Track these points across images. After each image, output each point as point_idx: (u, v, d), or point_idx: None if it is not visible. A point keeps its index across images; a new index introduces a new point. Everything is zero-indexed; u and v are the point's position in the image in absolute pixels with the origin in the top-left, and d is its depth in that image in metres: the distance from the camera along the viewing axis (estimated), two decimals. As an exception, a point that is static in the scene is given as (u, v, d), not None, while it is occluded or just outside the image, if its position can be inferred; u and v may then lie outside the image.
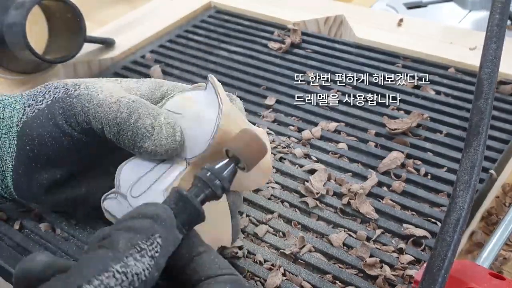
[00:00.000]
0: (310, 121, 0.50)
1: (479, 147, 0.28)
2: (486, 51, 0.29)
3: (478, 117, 0.28)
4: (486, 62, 0.29)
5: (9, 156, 0.34)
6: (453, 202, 0.27)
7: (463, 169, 0.27)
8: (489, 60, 0.29)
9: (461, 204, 0.27)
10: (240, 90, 0.54)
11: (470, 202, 0.27)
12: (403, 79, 0.54)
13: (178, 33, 0.65)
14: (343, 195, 0.41)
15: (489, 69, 0.28)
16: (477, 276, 0.30)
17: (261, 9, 0.67)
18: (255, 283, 0.35)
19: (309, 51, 0.59)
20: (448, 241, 0.26)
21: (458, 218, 0.26)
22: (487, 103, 0.28)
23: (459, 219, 0.26)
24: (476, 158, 0.27)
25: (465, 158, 0.28)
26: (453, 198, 0.27)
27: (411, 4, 0.78)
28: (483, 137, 0.28)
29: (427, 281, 0.26)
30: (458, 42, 0.58)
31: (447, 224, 0.27)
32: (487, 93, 0.28)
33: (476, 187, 0.27)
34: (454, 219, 0.26)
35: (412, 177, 0.43)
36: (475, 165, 0.27)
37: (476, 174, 0.27)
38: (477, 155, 0.27)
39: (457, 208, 0.27)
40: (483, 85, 0.28)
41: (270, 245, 0.38)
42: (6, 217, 0.41)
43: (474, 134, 0.28)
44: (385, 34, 0.60)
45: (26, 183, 0.35)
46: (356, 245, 0.37)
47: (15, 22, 0.51)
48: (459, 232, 0.26)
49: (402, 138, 0.47)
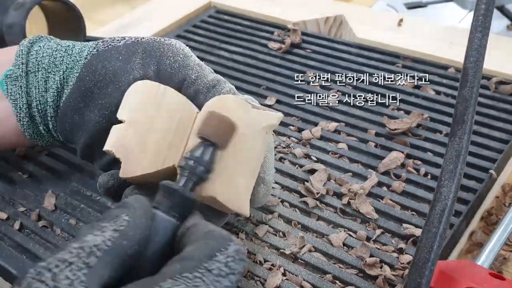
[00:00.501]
0: (310, 121, 0.50)
1: (464, 135, 0.27)
2: (471, 41, 0.29)
3: (463, 105, 0.28)
4: (472, 51, 0.28)
5: (67, 89, 0.36)
6: (438, 192, 0.26)
7: (448, 158, 0.27)
8: (474, 48, 0.28)
9: (446, 194, 0.26)
10: (240, 90, 0.54)
11: (456, 191, 0.26)
12: (403, 79, 0.54)
13: (178, 33, 0.65)
14: (343, 195, 0.41)
15: (474, 58, 0.28)
16: (477, 276, 0.31)
17: (261, 9, 0.67)
18: (255, 283, 0.35)
19: (309, 51, 0.59)
20: (433, 232, 0.26)
21: (443, 209, 0.26)
22: (472, 92, 0.28)
23: (444, 209, 0.26)
24: (461, 147, 0.27)
25: (450, 147, 0.27)
26: (438, 188, 0.27)
27: (411, 4, 0.78)
28: (468, 125, 0.27)
29: (414, 274, 0.26)
30: (458, 42, 0.58)
31: (433, 215, 0.26)
32: (472, 81, 0.28)
33: (462, 176, 0.27)
34: (439, 210, 0.26)
35: (412, 177, 0.43)
36: (460, 154, 0.27)
37: (462, 163, 0.27)
38: (462, 143, 0.27)
39: (442, 198, 0.26)
40: (468, 74, 0.28)
41: (270, 245, 0.38)
42: (6, 217, 0.41)
43: (459, 123, 0.27)
44: (385, 34, 0.60)
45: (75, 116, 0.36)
46: (356, 245, 0.37)
47: (15, 22, 0.51)
48: (445, 223, 0.26)
49: (402, 138, 0.47)
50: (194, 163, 0.30)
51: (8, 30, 0.52)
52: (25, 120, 0.37)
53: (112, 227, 0.23)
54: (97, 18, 0.73)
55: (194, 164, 0.30)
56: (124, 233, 0.23)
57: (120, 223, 0.23)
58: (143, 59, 0.35)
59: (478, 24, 0.29)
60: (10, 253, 0.38)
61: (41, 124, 0.37)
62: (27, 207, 0.42)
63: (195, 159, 0.30)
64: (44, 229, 0.40)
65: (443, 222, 0.26)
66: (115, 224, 0.23)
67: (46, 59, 0.36)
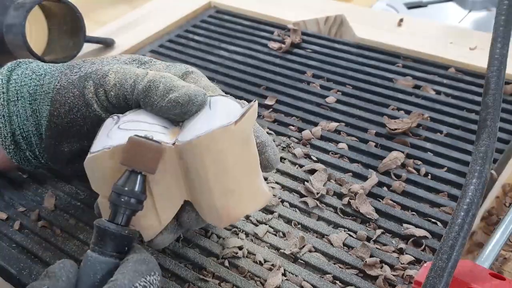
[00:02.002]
0: (310, 121, 0.50)
1: (488, 139, 0.28)
2: (492, 52, 0.30)
3: (486, 111, 0.29)
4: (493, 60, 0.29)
5: (43, 120, 0.37)
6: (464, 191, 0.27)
7: (473, 160, 0.28)
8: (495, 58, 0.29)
9: (472, 193, 0.27)
10: (240, 90, 0.54)
11: (482, 189, 0.27)
12: (403, 79, 0.54)
13: (178, 33, 0.65)
14: (343, 195, 0.41)
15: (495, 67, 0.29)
16: (478, 276, 0.30)
17: (261, 9, 0.67)
18: (255, 283, 0.35)
19: (309, 51, 0.59)
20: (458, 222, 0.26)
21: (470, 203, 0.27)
22: (494, 98, 0.29)
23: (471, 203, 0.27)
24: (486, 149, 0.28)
25: (476, 150, 0.28)
26: (465, 186, 0.27)
27: (411, 4, 0.78)
28: (491, 129, 0.29)
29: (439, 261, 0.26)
30: (458, 42, 0.58)
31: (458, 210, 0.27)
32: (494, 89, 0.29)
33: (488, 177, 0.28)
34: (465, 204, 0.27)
35: (412, 177, 0.43)
36: (487, 156, 0.28)
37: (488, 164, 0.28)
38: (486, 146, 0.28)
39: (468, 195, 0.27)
40: (490, 82, 0.29)
41: (270, 245, 0.38)
42: (6, 217, 0.41)
43: (482, 127, 0.29)
44: (385, 34, 0.60)
45: (53, 148, 0.37)
46: (356, 245, 0.37)
47: (15, 23, 0.51)
48: (471, 218, 0.26)
49: (402, 138, 0.47)
50: (126, 198, 0.28)
51: (8, 30, 0.52)
52: (11, 147, 0.38)
53: None
54: (97, 18, 0.73)
55: (126, 198, 0.28)
56: None
57: None
58: (95, 88, 0.35)
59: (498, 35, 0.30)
60: (10, 253, 0.38)
61: (27, 150, 0.38)
62: (27, 207, 0.42)
63: (126, 193, 0.28)
64: (44, 229, 0.40)
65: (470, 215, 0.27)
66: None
67: (24, 88, 0.38)
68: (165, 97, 0.32)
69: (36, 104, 0.37)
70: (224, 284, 0.35)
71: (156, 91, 0.32)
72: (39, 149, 0.38)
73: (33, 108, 0.37)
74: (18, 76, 0.38)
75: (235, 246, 0.37)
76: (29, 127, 0.37)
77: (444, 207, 0.40)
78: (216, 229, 0.39)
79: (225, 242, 0.38)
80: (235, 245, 0.37)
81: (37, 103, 0.37)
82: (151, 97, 0.32)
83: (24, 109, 0.37)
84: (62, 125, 0.36)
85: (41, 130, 0.38)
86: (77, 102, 0.35)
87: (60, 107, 0.36)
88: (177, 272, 0.36)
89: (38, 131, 0.38)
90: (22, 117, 0.37)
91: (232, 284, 0.35)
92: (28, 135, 0.38)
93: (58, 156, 0.37)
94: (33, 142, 0.38)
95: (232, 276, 0.36)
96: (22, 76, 0.38)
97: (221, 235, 0.39)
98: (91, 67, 0.37)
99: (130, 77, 0.34)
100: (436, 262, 0.26)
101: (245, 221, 0.40)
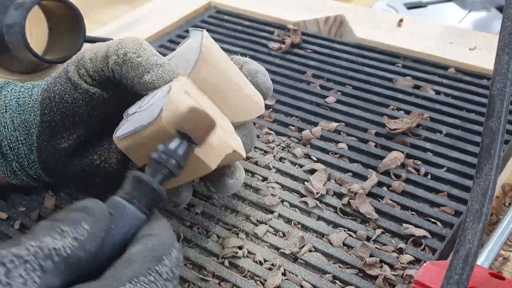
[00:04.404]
0: (310, 121, 0.50)
1: (491, 171, 0.24)
2: (497, 64, 0.26)
3: (490, 138, 0.25)
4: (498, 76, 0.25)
5: (34, 128, 0.37)
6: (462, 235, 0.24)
7: (473, 197, 0.24)
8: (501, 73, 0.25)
9: (470, 238, 0.24)
10: (240, 90, 0.54)
11: (481, 235, 0.24)
12: (403, 79, 0.54)
13: (178, 33, 0.65)
14: (343, 195, 0.41)
15: (501, 84, 0.25)
16: (477, 276, 0.31)
17: (261, 9, 0.67)
18: (255, 283, 0.35)
19: (309, 51, 0.59)
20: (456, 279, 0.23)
21: (467, 255, 0.24)
22: (499, 122, 0.25)
23: (468, 256, 0.24)
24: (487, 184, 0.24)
25: (476, 184, 0.24)
26: (462, 231, 0.24)
27: (411, 4, 0.78)
28: (495, 160, 0.24)
29: None
30: (458, 42, 0.58)
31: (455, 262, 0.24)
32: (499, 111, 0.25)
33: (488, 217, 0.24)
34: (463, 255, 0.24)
35: (412, 177, 0.43)
36: (487, 192, 0.24)
37: (488, 203, 0.24)
38: (488, 181, 0.24)
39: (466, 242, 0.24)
40: (495, 102, 0.25)
41: (270, 245, 0.38)
42: (7, 217, 0.41)
43: (486, 158, 0.25)
44: (385, 34, 0.60)
45: (48, 150, 0.37)
46: (356, 245, 0.37)
47: (15, 22, 0.51)
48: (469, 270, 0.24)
49: (402, 138, 0.47)
50: (167, 157, 0.28)
51: (8, 30, 0.52)
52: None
53: (72, 235, 0.22)
54: (97, 18, 0.74)
55: (168, 157, 0.28)
56: (83, 244, 0.22)
57: (80, 232, 0.23)
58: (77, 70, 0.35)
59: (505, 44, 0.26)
60: (10, 253, 0.38)
61: (13, 161, 0.38)
62: (27, 207, 0.42)
63: (169, 152, 0.28)
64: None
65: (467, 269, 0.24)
66: (76, 232, 0.22)
67: (13, 101, 0.38)
68: (140, 78, 0.33)
69: (25, 114, 0.37)
70: (224, 284, 0.35)
71: (130, 70, 0.33)
72: (28, 160, 0.38)
73: (22, 118, 0.37)
74: (8, 92, 0.39)
75: (235, 246, 0.37)
76: (17, 137, 0.38)
77: (444, 207, 0.40)
78: (216, 228, 0.39)
79: (225, 242, 0.38)
80: (235, 245, 0.37)
81: (26, 113, 0.37)
82: (125, 74, 0.33)
83: (11, 119, 0.37)
84: (55, 120, 0.36)
85: (31, 140, 0.38)
86: (66, 88, 0.35)
87: (51, 101, 0.36)
88: (177, 272, 0.36)
89: (27, 141, 0.38)
90: (10, 128, 0.37)
91: (232, 284, 0.35)
92: (16, 145, 0.38)
93: (55, 156, 0.37)
94: (21, 153, 0.38)
95: (232, 276, 0.36)
96: (12, 92, 0.39)
97: (221, 235, 0.39)
98: None
99: (102, 50, 0.34)
100: None
101: (245, 221, 0.40)
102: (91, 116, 0.36)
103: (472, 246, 0.24)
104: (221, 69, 0.35)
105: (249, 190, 0.42)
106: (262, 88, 0.37)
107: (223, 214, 0.40)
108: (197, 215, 0.40)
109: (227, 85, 0.35)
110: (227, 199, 0.41)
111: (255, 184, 0.42)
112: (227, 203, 0.41)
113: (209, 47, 0.34)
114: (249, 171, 0.44)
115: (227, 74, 0.35)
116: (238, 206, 0.41)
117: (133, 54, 0.33)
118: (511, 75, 0.25)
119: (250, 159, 0.45)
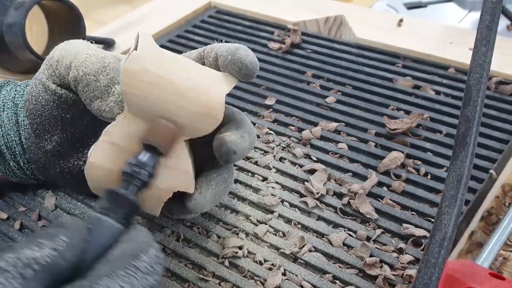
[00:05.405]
0: (310, 121, 0.50)
1: (466, 158, 0.25)
2: (475, 55, 0.27)
3: (466, 126, 0.26)
4: (475, 67, 0.27)
5: (23, 129, 0.38)
6: (438, 220, 0.25)
7: (449, 183, 0.25)
8: (478, 64, 0.27)
9: (446, 222, 0.24)
10: (240, 90, 0.54)
11: (456, 220, 0.25)
12: (403, 79, 0.54)
13: (178, 33, 0.65)
14: (343, 195, 0.41)
15: (478, 75, 0.26)
16: (477, 276, 0.31)
17: (261, 9, 0.67)
18: (255, 283, 0.35)
19: (309, 51, 0.60)
20: (432, 262, 0.24)
21: (443, 237, 0.24)
22: (475, 111, 0.26)
23: (445, 238, 0.24)
24: (463, 171, 0.25)
25: (452, 171, 0.25)
26: (438, 216, 0.25)
27: (411, 4, 0.78)
28: (470, 147, 0.26)
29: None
30: (458, 42, 0.58)
31: (432, 244, 0.24)
32: (475, 100, 0.26)
33: (463, 202, 0.25)
34: (439, 238, 0.24)
35: (412, 177, 0.43)
36: (462, 179, 0.25)
37: (463, 189, 0.25)
38: (464, 168, 0.25)
39: (442, 227, 0.24)
40: (472, 92, 0.26)
41: (270, 245, 0.38)
42: (7, 217, 0.41)
43: (461, 145, 0.26)
44: (385, 34, 0.60)
45: (36, 152, 0.37)
46: (356, 245, 0.37)
47: (15, 22, 0.51)
48: (445, 253, 0.24)
49: (402, 138, 0.47)
50: (138, 168, 0.30)
51: (8, 29, 0.52)
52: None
53: (50, 246, 0.23)
54: (97, 18, 0.74)
55: (139, 169, 0.30)
56: (62, 253, 0.23)
57: (59, 243, 0.23)
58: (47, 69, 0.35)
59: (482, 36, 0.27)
60: (10, 253, 0.38)
61: (11, 160, 0.39)
62: (27, 207, 0.42)
63: (139, 164, 0.30)
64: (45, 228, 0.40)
65: (443, 253, 0.24)
66: (54, 243, 0.23)
67: (10, 101, 0.38)
68: (92, 105, 0.33)
69: (18, 114, 0.38)
70: (224, 284, 0.35)
71: (85, 93, 0.33)
72: (23, 159, 0.39)
73: (16, 118, 0.38)
74: (7, 92, 0.39)
75: (235, 246, 0.37)
76: (13, 137, 0.38)
77: (444, 207, 0.40)
78: (216, 228, 0.39)
79: (225, 242, 0.38)
80: (235, 245, 0.37)
81: (19, 113, 0.38)
82: (79, 91, 0.33)
83: (8, 119, 0.38)
84: (36, 122, 0.36)
85: (23, 140, 0.38)
86: (39, 90, 0.35)
87: (30, 103, 0.36)
88: (177, 272, 0.36)
89: (21, 141, 0.38)
90: (7, 127, 0.38)
91: (232, 284, 0.35)
92: (12, 145, 0.38)
93: (43, 157, 0.37)
94: (17, 152, 0.38)
95: (232, 276, 0.36)
96: (10, 91, 0.39)
97: (221, 235, 0.39)
98: None
99: (68, 58, 0.34)
100: None
101: (245, 220, 0.40)
102: (65, 119, 0.36)
103: (447, 230, 0.24)
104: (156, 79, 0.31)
105: (249, 190, 0.42)
106: (246, 63, 0.33)
107: (223, 214, 0.40)
108: (197, 215, 0.40)
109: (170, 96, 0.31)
110: (227, 199, 0.41)
111: (255, 184, 0.42)
112: (227, 203, 0.41)
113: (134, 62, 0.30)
114: (249, 171, 0.44)
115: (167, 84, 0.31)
116: (238, 206, 0.41)
117: (92, 77, 0.32)
118: (487, 66, 0.26)
119: (250, 159, 0.45)
